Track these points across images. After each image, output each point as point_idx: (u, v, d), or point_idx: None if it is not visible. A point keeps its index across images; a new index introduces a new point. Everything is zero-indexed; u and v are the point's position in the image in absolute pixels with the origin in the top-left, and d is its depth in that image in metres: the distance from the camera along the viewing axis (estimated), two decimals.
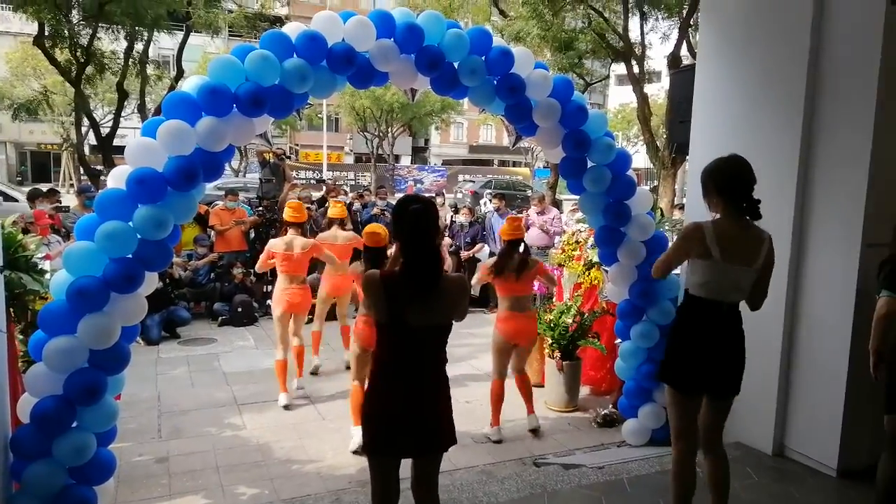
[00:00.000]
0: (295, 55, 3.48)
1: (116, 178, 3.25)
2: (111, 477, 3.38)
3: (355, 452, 4.29)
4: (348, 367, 5.92)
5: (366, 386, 2.68)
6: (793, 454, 4.18)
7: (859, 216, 3.74)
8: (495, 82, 3.97)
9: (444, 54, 3.77)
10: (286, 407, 5.16)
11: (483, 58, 3.90)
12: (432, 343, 2.55)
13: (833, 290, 3.91)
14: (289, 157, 9.24)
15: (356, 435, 4.31)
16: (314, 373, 6.05)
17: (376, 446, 2.56)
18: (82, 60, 14.45)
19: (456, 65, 3.86)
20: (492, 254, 9.21)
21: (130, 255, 3.13)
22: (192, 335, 7.42)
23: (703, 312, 2.95)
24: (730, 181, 2.92)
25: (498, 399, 4.63)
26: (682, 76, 5.42)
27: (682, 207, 7.37)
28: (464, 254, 9.18)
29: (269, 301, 8.29)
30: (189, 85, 3.37)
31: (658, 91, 25.16)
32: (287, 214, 5.45)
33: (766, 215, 3.97)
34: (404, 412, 2.49)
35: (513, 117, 4.12)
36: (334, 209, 6.28)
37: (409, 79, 3.94)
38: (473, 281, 4.85)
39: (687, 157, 5.10)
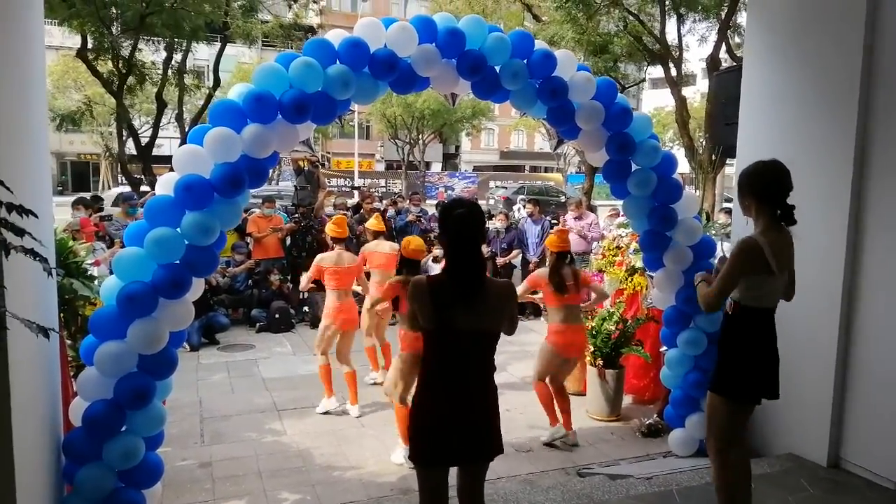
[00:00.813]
0: (338, 62, 3.50)
1: (164, 185, 3.30)
2: (159, 481, 3.41)
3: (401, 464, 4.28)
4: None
5: (412, 397, 2.65)
6: (849, 466, 4.02)
7: None
8: (537, 85, 3.92)
9: (485, 58, 3.75)
10: (326, 412, 5.16)
11: (525, 61, 3.86)
12: (480, 348, 2.52)
13: (892, 296, 3.75)
14: (323, 165, 9.39)
15: (402, 448, 4.29)
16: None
17: (426, 457, 2.53)
18: (124, 72, 14.82)
19: (497, 69, 3.83)
20: (524, 260, 9.13)
21: (178, 261, 3.17)
22: (231, 341, 7.51)
23: (759, 322, 2.96)
24: (769, 186, 2.91)
25: (548, 399, 4.64)
26: (727, 77, 5.30)
27: (728, 212, 7.21)
28: (500, 260, 9.12)
29: (305, 308, 8.37)
30: (234, 92, 3.41)
31: (694, 94, 24.77)
32: (330, 230, 5.44)
33: (819, 219, 3.88)
34: (454, 419, 2.46)
35: (555, 121, 4.07)
36: (375, 223, 6.29)
37: (450, 83, 3.92)
38: (520, 292, 4.84)
39: (727, 161, 4.98)
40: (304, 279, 5.41)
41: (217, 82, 17.38)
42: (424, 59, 3.66)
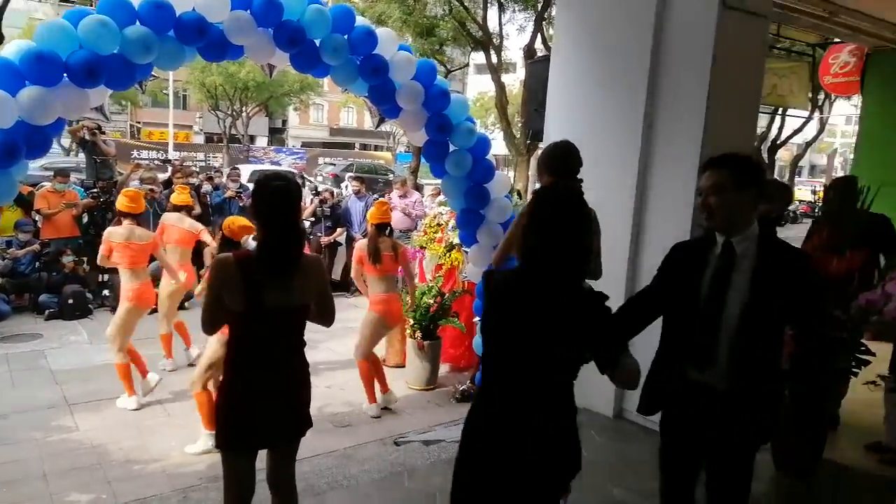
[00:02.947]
0: (138, 23, 3.19)
1: None
2: None
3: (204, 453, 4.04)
4: (191, 364, 5.58)
5: (220, 378, 2.53)
6: (630, 416, 4.62)
7: (690, 193, 4.09)
8: (358, 62, 3.91)
9: (304, 30, 3.65)
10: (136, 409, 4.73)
11: (346, 37, 3.83)
12: (291, 326, 2.46)
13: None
14: (103, 132, 8.32)
15: (203, 437, 4.07)
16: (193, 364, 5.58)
17: (234, 442, 2.43)
18: None
19: (317, 42, 3.75)
20: (349, 237, 9.09)
21: None
22: (14, 331, 6.60)
23: None
24: (561, 163, 3.22)
25: (370, 377, 4.76)
26: (538, 66, 5.67)
27: None
28: (323, 239, 9.00)
29: (104, 291, 7.57)
30: (9, 51, 2.99)
31: (514, 81, 26.17)
32: (122, 204, 4.78)
33: (612, 193, 4.35)
34: (265, 402, 2.38)
35: (376, 99, 4.10)
36: (179, 196, 5.79)
37: (266, 54, 3.78)
38: (353, 274, 4.93)
39: (540, 144, 5.38)
40: (100, 255, 4.78)
41: (0, 39, 14.97)
42: (237, 26, 3.48)
